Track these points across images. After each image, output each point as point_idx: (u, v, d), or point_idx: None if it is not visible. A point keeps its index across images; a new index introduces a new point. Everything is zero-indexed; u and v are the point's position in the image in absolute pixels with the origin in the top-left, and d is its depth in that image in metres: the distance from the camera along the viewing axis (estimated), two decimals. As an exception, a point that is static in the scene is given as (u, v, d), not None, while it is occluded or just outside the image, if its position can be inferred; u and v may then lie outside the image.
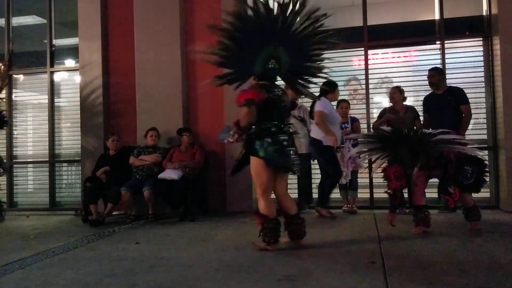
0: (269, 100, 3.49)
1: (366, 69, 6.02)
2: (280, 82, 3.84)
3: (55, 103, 6.96)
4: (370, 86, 6.01)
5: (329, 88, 5.06)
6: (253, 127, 3.52)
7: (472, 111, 5.24)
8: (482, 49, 5.78)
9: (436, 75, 5.26)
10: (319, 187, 5.28)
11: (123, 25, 6.36)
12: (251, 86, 3.65)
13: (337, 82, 5.34)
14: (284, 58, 3.60)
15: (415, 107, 5.50)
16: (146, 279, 2.84)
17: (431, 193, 5.53)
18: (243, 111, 3.46)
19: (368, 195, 5.92)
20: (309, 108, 5.37)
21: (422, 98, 5.41)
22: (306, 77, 3.83)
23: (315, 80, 3.90)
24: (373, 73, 6.06)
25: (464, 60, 5.81)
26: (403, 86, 5.55)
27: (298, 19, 3.53)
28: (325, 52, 3.77)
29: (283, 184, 3.74)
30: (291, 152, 3.52)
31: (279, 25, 3.49)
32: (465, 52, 5.88)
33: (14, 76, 7.05)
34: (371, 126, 5.65)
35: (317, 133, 5.11)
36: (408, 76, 5.91)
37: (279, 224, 3.54)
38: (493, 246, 3.45)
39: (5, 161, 6.43)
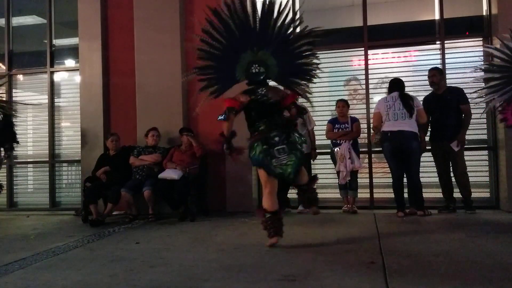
0: (253, 101, 3.59)
1: (366, 69, 6.02)
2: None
3: (55, 103, 6.96)
4: (370, 86, 6.01)
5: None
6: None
7: (472, 111, 5.24)
8: (482, 49, 5.78)
9: (437, 74, 5.27)
10: (417, 188, 4.96)
11: (123, 25, 6.37)
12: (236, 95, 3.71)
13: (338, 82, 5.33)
14: (270, 61, 3.68)
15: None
16: (146, 279, 2.84)
17: (431, 192, 5.56)
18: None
19: (368, 195, 5.92)
20: (400, 103, 4.97)
21: (422, 98, 5.40)
22: (302, 76, 3.83)
23: (311, 78, 3.88)
24: (373, 73, 6.06)
25: (464, 60, 5.80)
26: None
27: (281, 21, 3.60)
28: (313, 50, 3.78)
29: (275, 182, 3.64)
30: (281, 150, 3.49)
31: (259, 28, 3.58)
32: (465, 52, 5.88)
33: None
34: (371, 127, 5.65)
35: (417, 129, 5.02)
36: (408, 76, 5.90)
37: (279, 218, 3.60)
38: (493, 246, 3.45)
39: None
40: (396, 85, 5.12)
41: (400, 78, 5.25)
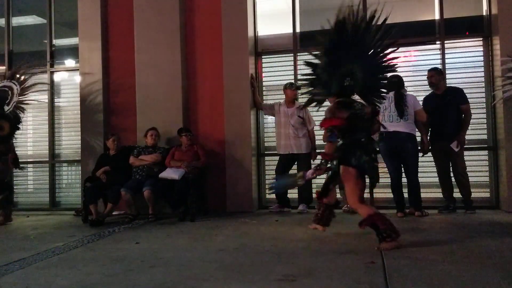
0: (353, 115, 3.58)
1: (366, 69, 6.01)
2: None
3: (55, 103, 6.96)
4: (370, 86, 6.00)
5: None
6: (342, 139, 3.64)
7: (472, 111, 5.25)
8: (482, 49, 5.78)
9: (436, 75, 5.26)
10: (414, 189, 4.97)
11: (123, 25, 6.37)
12: (331, 108, 3.69)
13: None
14: (360, 74, 3.64)
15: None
16: (146, 279, 2.84)
17: (431, 192, 5.56)
18: (327, 141, 3.66)
19: (368, 195, 5.90)
20: (393, 103, 5.00)
21: (422, 98, 5.40)
22: (380, 89, 3.86)
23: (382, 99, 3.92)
24: (373, 73, 6.05)
25: (464, 60, 5.80)
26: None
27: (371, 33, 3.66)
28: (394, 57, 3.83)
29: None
30: (376, 162, 3.73)
31: (356, 40, 3.62)
32: (465, 52, 5.87)
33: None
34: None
35: (415, 130, 5.05)
36: (408, 76, 5.89)
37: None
38: (493, 246, 3.45)
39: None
40: (393, 84, 5.08)
41: (398, 75, 5.19)
